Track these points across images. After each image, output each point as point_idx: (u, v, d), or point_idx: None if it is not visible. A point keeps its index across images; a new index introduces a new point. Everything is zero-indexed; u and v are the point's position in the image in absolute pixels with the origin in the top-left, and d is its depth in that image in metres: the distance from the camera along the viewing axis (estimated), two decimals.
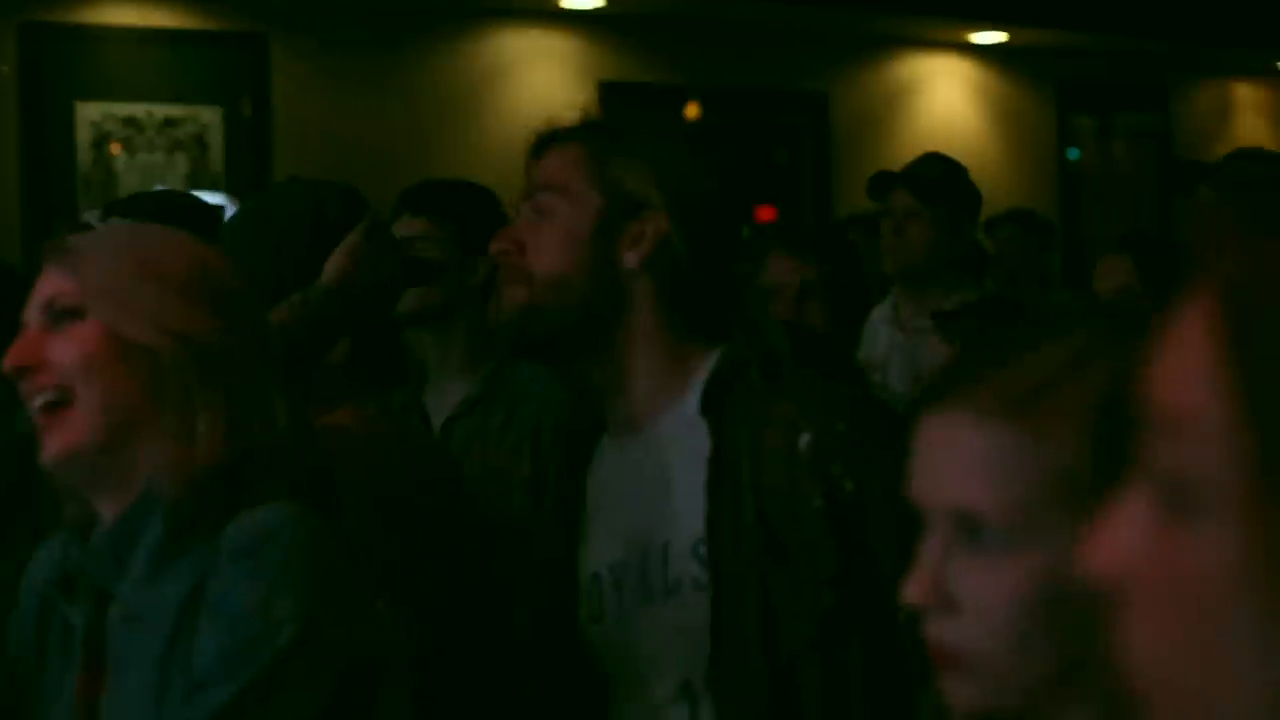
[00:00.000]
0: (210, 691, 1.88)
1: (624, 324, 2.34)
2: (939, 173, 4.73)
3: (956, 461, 1.34)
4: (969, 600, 1.33)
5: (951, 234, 4.68)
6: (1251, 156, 4.76)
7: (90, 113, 7.93)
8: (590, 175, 2.36)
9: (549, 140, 2.44)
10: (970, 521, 1.32)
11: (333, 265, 2.67)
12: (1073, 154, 11.16)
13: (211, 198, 6.60)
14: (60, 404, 2.00)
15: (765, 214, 9.63)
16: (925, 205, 4.62)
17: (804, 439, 2.23)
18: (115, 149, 7.96)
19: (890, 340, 4.63)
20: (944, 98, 10.43)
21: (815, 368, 2.51)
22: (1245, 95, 11.93)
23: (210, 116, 8.16)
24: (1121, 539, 0.83)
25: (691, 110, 9.34)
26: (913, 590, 1.35)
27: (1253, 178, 4.41)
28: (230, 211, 5.72)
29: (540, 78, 9.01)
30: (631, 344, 2.35)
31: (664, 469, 2.33)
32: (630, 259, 2.34)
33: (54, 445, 2.00)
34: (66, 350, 2.00)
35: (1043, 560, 1.30)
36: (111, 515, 2.03)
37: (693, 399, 2.32)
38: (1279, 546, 0.76)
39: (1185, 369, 0.80)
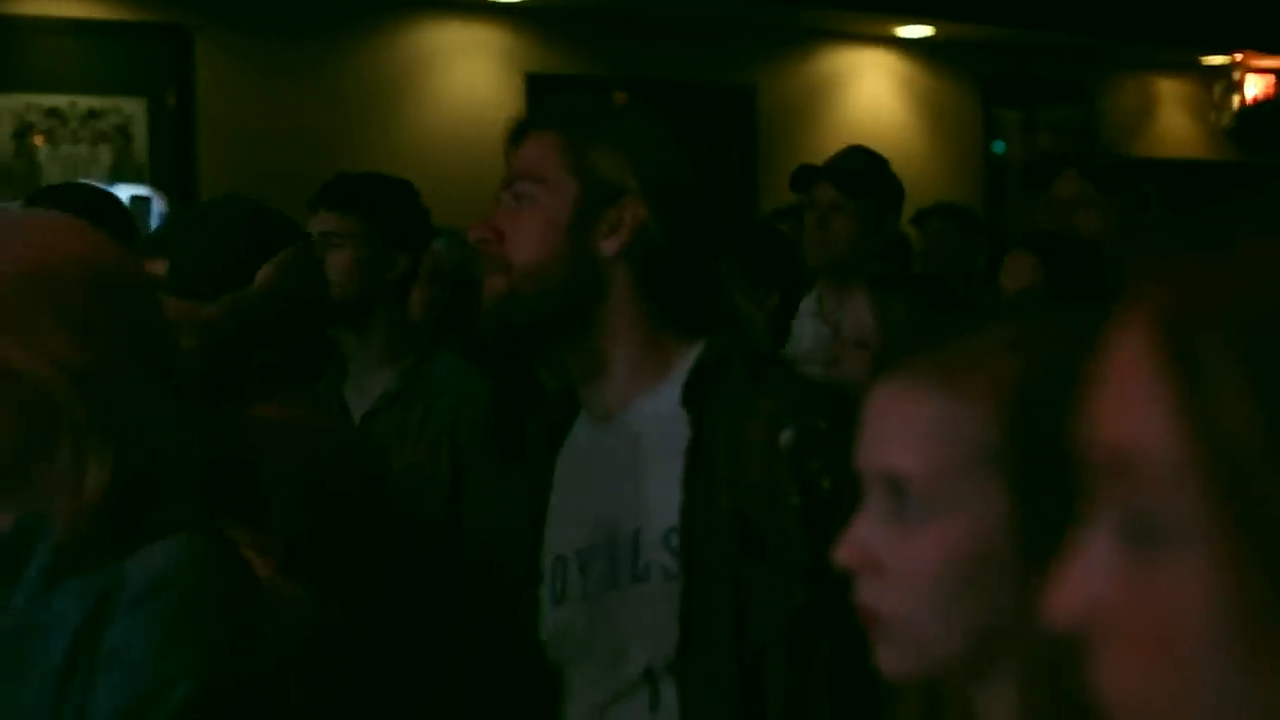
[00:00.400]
0: None
1: (602, 311, 2.34)
2: (862, 165, 4.74)
3: (890, 427, 1.39)
4: (893, 565, 1.36)
5: (875, 227, 4.68)
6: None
7: (13, 104, 7.87)
8: (568, 163, 2.34)
9: (527, 127, 2.42)
10: (898, 486, 1.36)
11: (263, 274, 2.71)
12: (998, 147, 11.22)
13: (135, 190, 6.56)
14: None
15: None
16: (848, 198, 4.62)
17: (785, 435, 2.22)
18: (38, 140, 7.90)
19: (816, 333, 4.63)
20: (870, 91, 10.46)
21: None
22: (1168, 90, 12.01)
23: (134, 108, 8.11)
24: (1086, 581, 0.82)
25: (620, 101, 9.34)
26: (842, 553, 1.38)
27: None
28: (155, 204, 5.66)
29: (465, 70, 8.99)
30: (609, 331, 2.34)
31: (638, 457, 2.33)
32: (608, 246, 2.33)
33: None
34: None
35: (962, 529, 1.34)
36: (5, 526, 1.96)
37: (672, 389, 2.32)
38: (1251, 576, 0.75)
39: (1130, 403, 0.79)
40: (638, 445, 2.34)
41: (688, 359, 2.34)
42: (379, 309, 3.81)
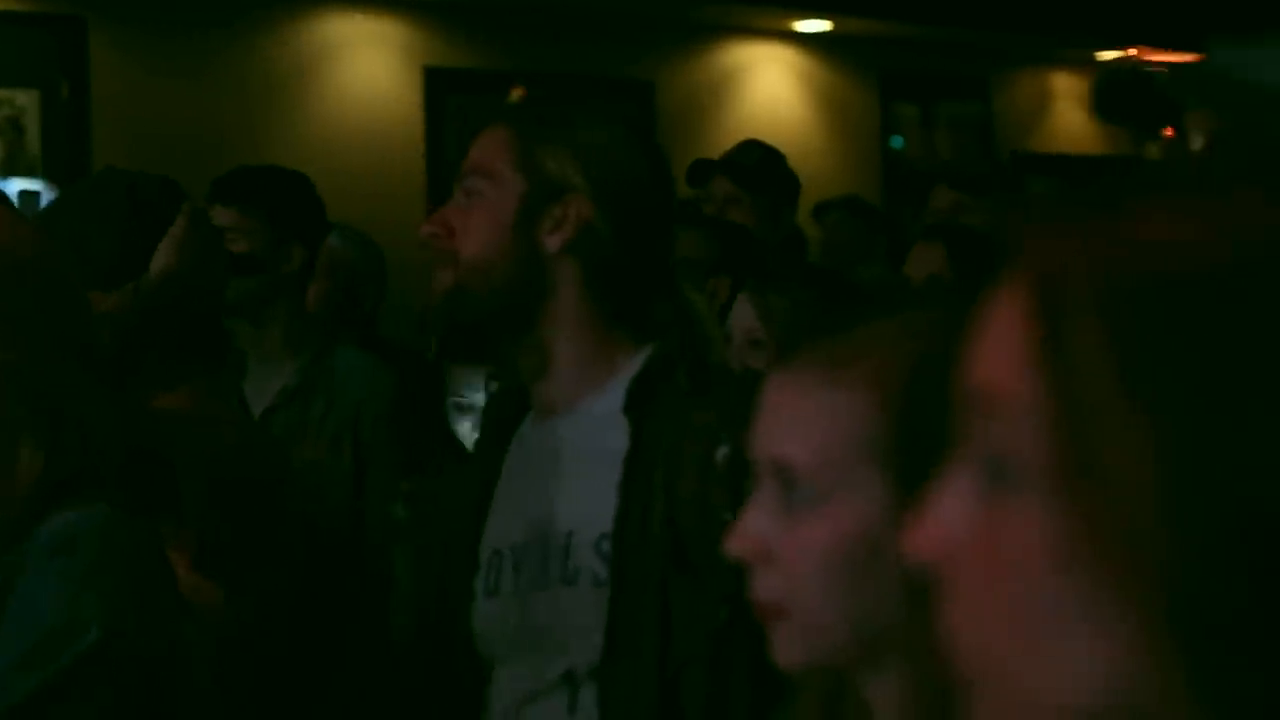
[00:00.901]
0: (5, 689, 1.84)
1: (548, 309, 2.35)
2: (757, 159, 4.77)
3: (780, 418, 1.41)
4: (784, 554, 1.38)
5: (771, 220, 4.72)
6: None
7: None
8: (515, 159, 2.36)
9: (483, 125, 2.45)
10: (787, 474, 1.38)
11: (160, 255, 2.67)
12: (896, 142, 11.27)
13: (25, 184, 6.48)
14: None
15: None
16: (744, 192, 4.65)
17: (721, 450, 2.22)
18: None
19: None
20: (768, 86, 10.49)
21: None
22: (1064, 85, 12.11)
23: (26, 100, 8.00)
24: (944, 517, 0.84)
25: (517, 96, 9.32)
26: (734, 544, 1.40)
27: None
28: (46, 198, 5.61)
29: (365, 63, 8.94)
30: (556, 329, 2.35)
31: (579, 459, 2.34)
32: (552, 243, 2.34)
33: None
34: None
35: (849, 518, 1.36)
36: None
37: (616, 393, 2.33)
38: (1094, 521, 0.77)
39: (1000, 351, 0.82)
40: (579, 447, 2.35)
41: (634, 362, 2.35)
42: (276, 303, 3.79)
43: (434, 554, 2.63)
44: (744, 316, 3.29)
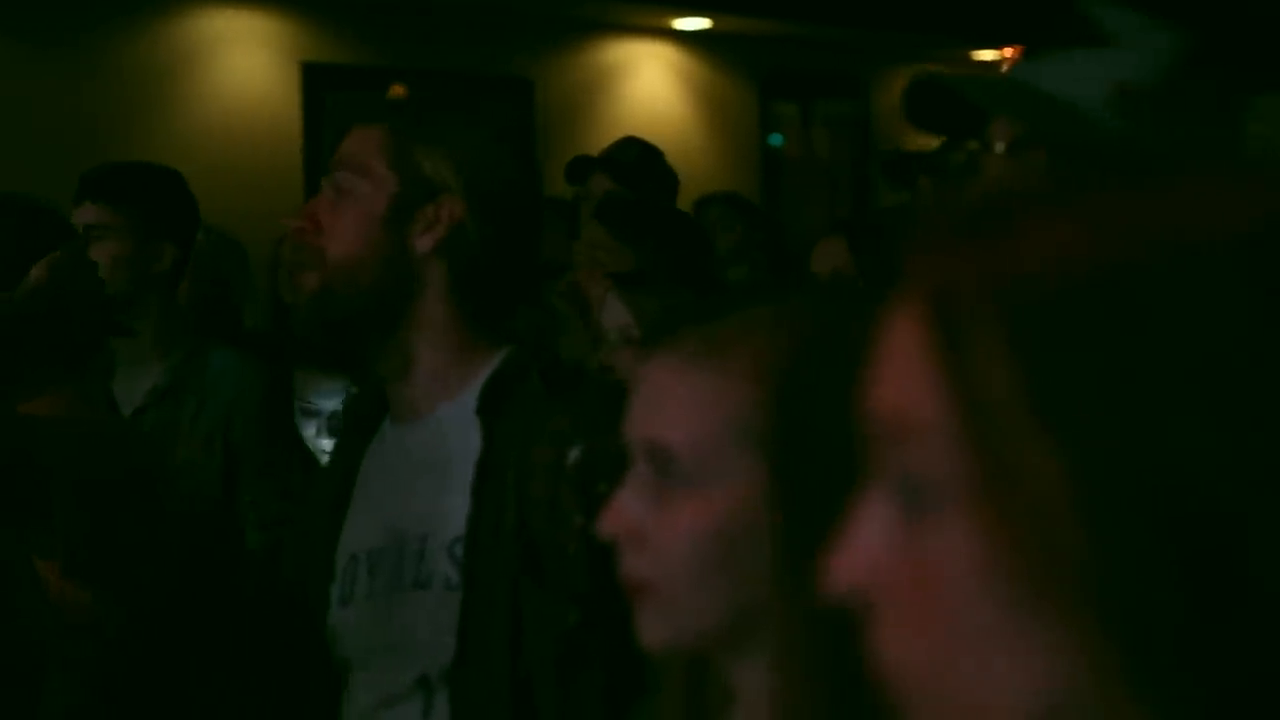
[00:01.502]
0: None
1: (414, 310, 2.32)
2: (635, 156, 4.78)
3: (657, 399, 1.42)
4: (655, 534, 1.39)
5: None
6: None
7: None
8: (389, 157, 2.33)
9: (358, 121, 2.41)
10: (662, 456, 1.39)
11: (35, 271, 2.68)
12: (775, 140, 11.33)
13: None
14: None
15: None
16: (623, 188, 4.65)
17: (574, 454, 2.21)
18: None
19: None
20: (648, 83, 10.51)
21: None
22: None
23: None
24: (864, 545, 0.84)
25: (396, 94, 9.28)
26: (605, 523, 1.42)
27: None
28: None
29: (242, 60, 8.87)
30: (419, 331, 2.32)
31: (435, 462, 2.31)
32: (423, 243, 2.31)
33: None
34: None
35: (722, 502, 1.37)
36: None
37: (472, 395, 2.31)
38: (1016, 536, 0.77)
39: (901, 372, 0.82)
40: (435, 450, 2.32)
41: (491, 364, 2.32)
42: (146, 302, 3.74)
43: (289, 559, 2.59)
44: (616, 315, 3.29)
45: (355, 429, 2.46)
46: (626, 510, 1.41)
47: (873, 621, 0.84)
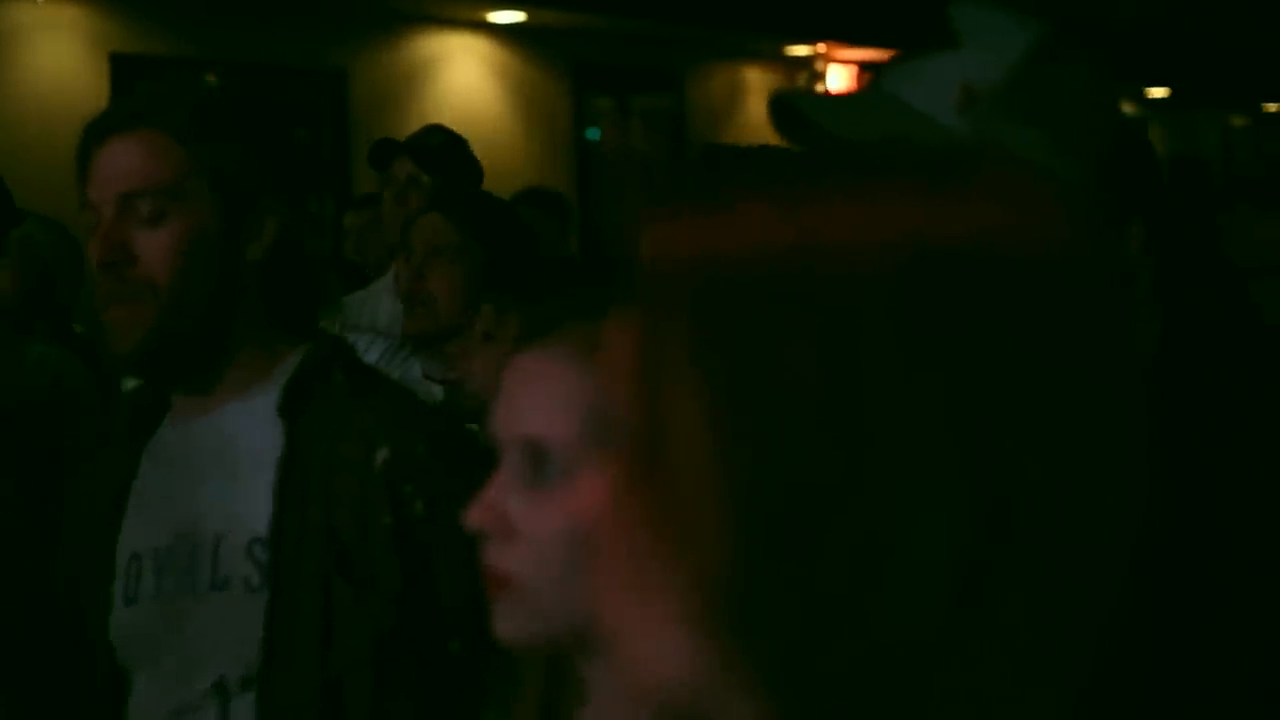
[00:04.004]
0: None
1: (237, 317, 2.24)
2: (440, 142, 4.78)
3: (531, 395, 1.43)
4: (524, 528, 1.39)
5: None
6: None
7: None
8: (197, 170, 2.21)
9: (113, 128, 2.24)
10: (536, 450, 1.40)
11: None
12: (593, 134, 11.37)
13: None
14: None
15: None
16: (426, 173, 4.65)
17: (380, 454, 2.18)
18: None
19: (393, 310, 4.65)
20: (462, 77, 10.50)
21: None
22: (756, 79, 12.33)
23: None
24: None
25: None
26: (475, 515, 1.40)
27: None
28: None
29: (49, 50, 8.75)
30: (234, 335, 2.24)
31: (229, 461, 2.25)
32: (254, 252, 2.23)
33: None
34: None
35: (592, 498, 1.36)
36: None
37: (271, 393, 2.24)
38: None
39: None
40: (229, 448, 2.26)
41: (290, 363, 2.27)
42: None
43: (62, 558, 2.48)
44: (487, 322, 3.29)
45: (130, 427, 2.36)
46: (497, 504, 1.40)
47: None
